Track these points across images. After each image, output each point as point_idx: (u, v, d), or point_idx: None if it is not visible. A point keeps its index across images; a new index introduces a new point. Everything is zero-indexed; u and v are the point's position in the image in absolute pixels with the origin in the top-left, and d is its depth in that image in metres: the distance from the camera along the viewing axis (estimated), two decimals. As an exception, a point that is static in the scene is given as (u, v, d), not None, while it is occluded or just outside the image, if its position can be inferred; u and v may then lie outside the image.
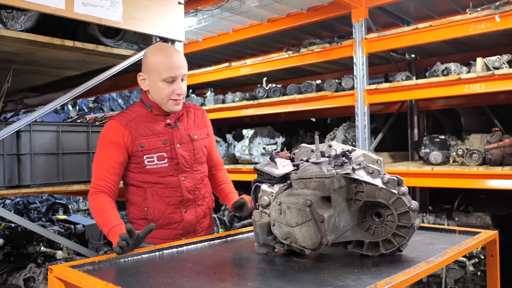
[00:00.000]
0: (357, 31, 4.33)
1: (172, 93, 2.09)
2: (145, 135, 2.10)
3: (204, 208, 2.24)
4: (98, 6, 2.34)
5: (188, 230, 2.17)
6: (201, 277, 1.43)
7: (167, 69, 2.06)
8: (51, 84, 3.77)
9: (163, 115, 2.16)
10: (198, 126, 2.27)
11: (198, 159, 2.22)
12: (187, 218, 2.16)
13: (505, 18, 3.54)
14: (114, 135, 2.07)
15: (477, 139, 4.03)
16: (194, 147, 2.20)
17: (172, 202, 2.13)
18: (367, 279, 1.33)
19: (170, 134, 2.14)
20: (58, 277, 1.49)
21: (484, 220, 4.35)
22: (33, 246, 3.50)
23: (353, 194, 1.56)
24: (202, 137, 2.26)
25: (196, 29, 5.23)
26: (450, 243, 1.75)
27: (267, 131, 5.55)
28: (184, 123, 2.21)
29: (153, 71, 2.09)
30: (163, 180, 2.11)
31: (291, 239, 1.55)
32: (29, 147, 2.56)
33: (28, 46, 2.37)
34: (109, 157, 2.06)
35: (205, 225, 2.26)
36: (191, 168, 2.18)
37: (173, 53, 2.11)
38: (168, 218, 2.13)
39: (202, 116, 2.32)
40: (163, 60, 2.07)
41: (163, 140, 2.12)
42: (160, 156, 2.10)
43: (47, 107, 2.46)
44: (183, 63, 2.12)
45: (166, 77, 2.06)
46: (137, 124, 2.11)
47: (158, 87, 2.09)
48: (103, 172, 2.06)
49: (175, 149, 2.13)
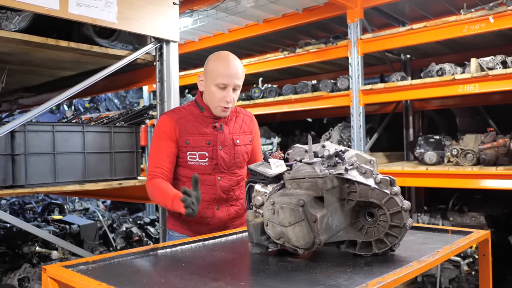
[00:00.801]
0: (352, 32, 4.34)
1: (222, 99, 2.20)
2: (192, 133, 2.24)
3: (237, 209, 2.34)
4: (93, 7, 2.34)
5: (219, 227, 2.28)
6: (194, 277, 1.44)
7: (221, 76, 2.17)
8: (46, 84, 3.77)
9: (212, 118, 2.28)
10: (244, 132, 2.36)
11: (238, 163, 2.31)
12: (219, 215, 2.28)
13: (499, 19, 3.56)
14: (167, 128, 2.23)
15: (471, 139, 4.05)
16: (235, 152, 2.29)
17: (206, 198, 2.24)
18: (359, 279, 1.34)
19: (214, 136, 2.26)
20: (51, 277, 1.49)
21: (479, 220, 4.37)
22: (28, 246, 3.50)
23: (346, 194, 1.57)
24: (245, 143, 2.35)
25: (192, 29, 5.23)
26: (443, 242, 1.76)
27: (263, 131, 5.56)
28: (230, 127, 2.31)
29: (209, 75, 2.21)
30: (201, 177, 2.19)
31: (284, 239, 1.55)
32: (23, 147, 2.56)
33: (22, 46, 2.37)
34: (164, 147, 2.23)
35: (237, 224, 2.35)
36: (229, 170, 2.29)
37: (232, 62, 2.22)
38: (201, 212, 2.22)
39: (250, 122, 2.41)
40: (220, 67, 2.19)
41: (207, 140, 2.25)
42: (202, 154, 2.24)
43: (41, 107, 2.46)
44: (239, 73, 2.22)
45: (219, 83, 2.17)
46: (187, 121, 2.25)
47: (211, 91, 2.21)
48: (158, 160, 2.22)
49: (217, 151, 2.25)
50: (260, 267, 1.55)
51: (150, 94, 7.05)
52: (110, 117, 3.30)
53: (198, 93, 2.32)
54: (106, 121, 3.21)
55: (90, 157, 2.85)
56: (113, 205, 7.36)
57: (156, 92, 2.97)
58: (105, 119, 3.27)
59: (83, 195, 4.72)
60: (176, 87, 2.93)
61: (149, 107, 3.30)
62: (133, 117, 3.17)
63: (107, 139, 2.94)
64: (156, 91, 2.99)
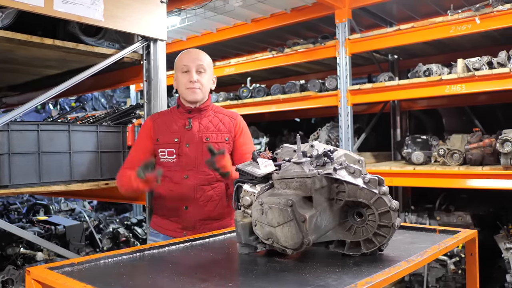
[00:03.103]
0: (340, 32, 4.35)
1: (187, 82, 2.30)
2: (163, 131, 2.33)
3: (209, 210, 2.31)
4: (78, 4, 2.30)
5: (188, 227, 2.31)
6: (182, 278, 1.42)
7: (182, 61, 2.33)
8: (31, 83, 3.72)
9: (186, 113, 2.35)
10: (219, 130, 2.36)
11: None
12: (187, 214, 2.30)
13: (485, 20, 3.59)
14: (146, 127, 2.40)
15: (458, 139, 4.08)
16: (203, 149, 2.27)
17: (174, 196, 2.30)
18: (348, 279, 1.34)
19: (182, 133, 2.31)
20: (36, 279, 1.46)
21: (465, 219, 4.41)
22: (12, 247, 3.44)
23: (335, 194, 1.56)
24: (217, 141, 2.33)
25: (180, 28, 5.20)
26: (431, 242, 1.76)
27: (251, 131, 5.54)
28: (202, 125, 2.34)
29: (175, 67, 2.36)
30: (170, 174, 2.29)
31: (272, 239, 1.54)
32: (7, 147, 2.51)
33: (6, 44, 2.33)
34: (140, 144, 2.39)
35: (212, 227, 2.30)
36: (197, 168, 2.29)
37: (193, 50, 2.40)
38: (170, 210, 2.33)
39: (229, 122, 2.40)
40: (182, 55, 2.37)
41: (175, 137, 2.31)
42: (170, 151, 2.31)
43: (25, 106, 2.42)
44: (200, 56, 2.35)
45: (181, 67, 2.31)
46: (162, 121, 2.37)
47: (177, 79, 2.35)
48: (131, 157, 2.38)
49: (183, 148, 2.29)
50: (249, 267, 1.54)
51: (137, 93, 6.99)
52: (96, 117, 3.26)
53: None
54: (92, 120, 3.17)
55: (76, 157, 2.81)
56: (100, 205, 7.29)
57: (143, 92, 2.94)
58: (92, 119, 3.23)
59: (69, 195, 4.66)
60: (163, 86, 2.90)
61: (136, 106, 3.26)
62: (120, 116, 3.14)
63: (93, 139, 2.89)
64: (143, 90, 2.96)
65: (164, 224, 2.39)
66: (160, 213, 2.42)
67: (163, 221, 2.39)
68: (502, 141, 3.40)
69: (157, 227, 2.43)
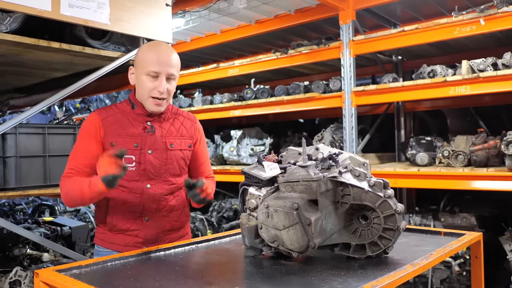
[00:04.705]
0: (344, 33, 4.36)
1: (154, 89, 1.96)
2: (119, 135, 2.00)
3: (172, 221, 2.10)
4: (85, 8, 2.32)
5: (150, 240, 2.04)
6: (188, 281, 1.44)
7: (151, 63, 1.95)
8: (37, 85, 3.74)
9: (145, 115, 2.05)
10: (181, 136, 2.13)
11: (171, 169, 2.07)
12: (148, 227, 2.04)
13: (490, 21, 3.59)
14: (91, 127, 2.00)
15: (462, 140, 4.08)
16: (168, 157, 2.06)
17: (134, 208, 2.01)
18: (354, 282, 1.35)
19: (144, 138, 2.02)
20: (44, 281, 1.48)
21: (469, 220, 4.41)
22: (19, 248, 3.46)
23: (340, 197, 1.57)
24: (181, 148, 2.11)
25: (184, 30, 5.23)
26: (436, 244, 1.77)
27: (255, 132, 5.56)
28: (164, 129, 2.08)
29: (139, 65, 1.99)
30: (127, 184, 2.00)
31: (278, 242, 1.55)
32: (14, 150, 2.53)
33: (13, 47, 2.34)
34: (85, 148, 1.99)
35: (173, 237, 2.12)
36: (160, 177, 2.04)
37: (164, 49, 2.01)
38: (128, 223, 2.03)
39: (191, 126, 2.18)
40: (151, 54, 1.97)
41: (135, 142, 2.01)
42: (128, 158, 1.98)
43: (33, 109, 2.44)
44: (172, 62, 1.99)
45: (149, 71, 1.95)
46: (115, 121, 2.02)
47: (141, 81, 1.98)
48: (75, 162, 1.98)
49: (145, 155, 2.01)
50: (254, 270, 1.55)
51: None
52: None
53: (133, 88, 2.09)
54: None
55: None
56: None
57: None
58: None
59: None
60: (168, 88, 2.91)
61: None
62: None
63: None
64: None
65: (117, 239, 2.05)
66: (111, 228, 2.05)
67: (116, 236, 2.05)
68: (507, 142, 3.40)
69: (107, 244, 2.07)
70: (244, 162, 5.35)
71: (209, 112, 5.65)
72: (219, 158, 5.64)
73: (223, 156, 5.53)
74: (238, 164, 5.39)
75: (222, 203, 6.04)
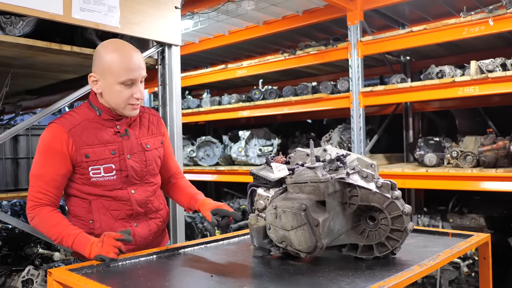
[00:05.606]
0: (352, 34, 4.36)
1: (131, 97, 1.85)
2: (91, 144, 1.85)
3: (158, 221, 2.04)
4: (96, 12, 2.36)
5: (141, 246, 1.95)
6: (198, 280, 1.46)
7: (126, 71, 1.81)
8: (47, 87, 3.79)
9: (114, 120, 1.92)
10: (152, 134, 2.04)
11: (151, 170, 2.00)
12: (138, 232, 1.95)
13: (499, 22, 3.58)
14: (57, 143, 1.81)
15: (471, 141, 4.07)
16: (147, 158, 1.97)
17: (121, 215, 1.92)
18: (361, 282, 1.36)
19: (119, 144, 1.90)
20: (57, 280, 1.51)
21: (478, 221, 4.39)
22: (30, 248, 3.52)
23: (348, 198, 1.59)
24: (156, 146, 2.04)
25: (193, 31, 5.26)
26: (443, 245, 1.78)
27: (263, 133, 5.58)
28: (136, 131, 1.98)
29: (108, 73, 1.82)
30: (110, 193, 1.89)
31: (286, 242, 1.57)
32: (26, 151, 2.58)
33: (26, 50, 2.38)
34: (50, 168, 1.82)
35: (160, 240, 2.09)
36: (142, 181, 1.97)
37: (132, 53, 1.86)
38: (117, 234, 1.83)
39: (157, 122, 2.10)
40: (120, 61, 1.81)
41: (111, 150, 1.88)
42: (107, 167, 1.87)
43: (45, 111, 2.48)
44: (142, 63, 1.88)
45: (125, 80, 1.81)
46: (83, 130, 1.85)
47: (115, 91, 1.83)
48: (42, 185, 1.81)
49: (125, 160, 1.90)
50: (263, 270, 1.58)
51: (151, 95, 7.07)
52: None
53: (92, 92, 1.93)
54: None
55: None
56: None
57: (158, 95, 2.99)
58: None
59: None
60: (178, 90, 2.95)
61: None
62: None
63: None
64: (157, 93, 3.01)
65: None
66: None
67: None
68: (515, 143, 3.39)
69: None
70: (252, 162, 5.37)
71: (217, 112, 5.68)
72: (227, 158, 5.67)
73: (231, 156, 5.56)
74: (246, 165, 5.41)
75: (230, 204, 6.07)
